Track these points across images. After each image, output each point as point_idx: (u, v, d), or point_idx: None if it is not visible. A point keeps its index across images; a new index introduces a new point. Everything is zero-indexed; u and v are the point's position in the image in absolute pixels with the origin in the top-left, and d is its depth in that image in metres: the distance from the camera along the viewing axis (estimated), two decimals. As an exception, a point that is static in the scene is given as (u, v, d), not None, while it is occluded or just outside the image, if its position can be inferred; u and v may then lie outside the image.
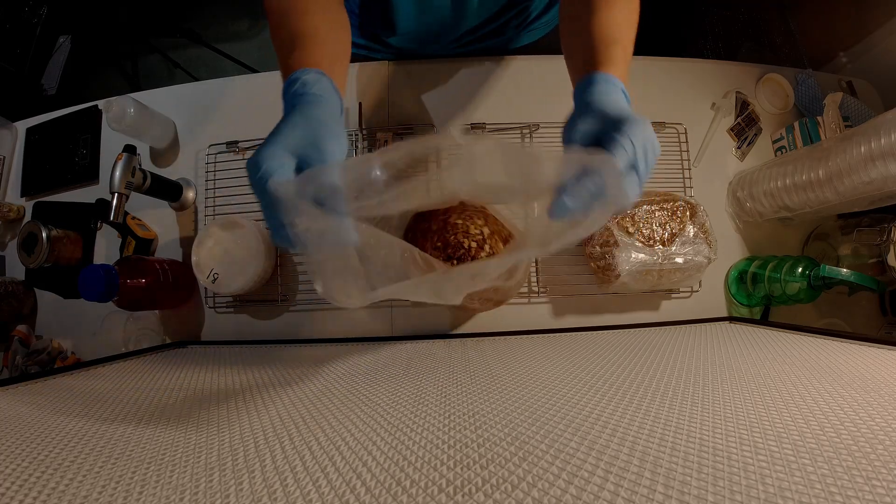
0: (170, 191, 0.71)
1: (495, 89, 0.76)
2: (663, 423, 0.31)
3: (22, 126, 0.84)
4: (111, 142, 0.77)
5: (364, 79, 0.76)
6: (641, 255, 0.62)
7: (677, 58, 0.79)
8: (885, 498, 0.21)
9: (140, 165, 0.64)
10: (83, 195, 0.78)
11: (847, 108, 0.73)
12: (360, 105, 0.73)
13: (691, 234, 0.64)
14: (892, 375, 0.38)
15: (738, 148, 0.77)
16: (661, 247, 0.63)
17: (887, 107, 0.73)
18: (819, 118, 0.73)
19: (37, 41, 1.61)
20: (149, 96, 0.77)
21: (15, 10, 1.55)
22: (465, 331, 0.71)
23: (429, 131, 0.73)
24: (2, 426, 0.34)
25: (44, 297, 0.79)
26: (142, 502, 0.24)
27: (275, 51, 0.44)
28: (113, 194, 0.60)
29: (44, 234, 0.71)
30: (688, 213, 0.65)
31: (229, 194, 0.73)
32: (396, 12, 0.63)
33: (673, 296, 0.72)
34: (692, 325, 0.67)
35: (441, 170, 0.41)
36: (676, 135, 0.74)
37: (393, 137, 0.72)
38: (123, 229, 0.73)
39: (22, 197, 0.82)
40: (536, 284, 0.71)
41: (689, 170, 0.74)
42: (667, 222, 0.64)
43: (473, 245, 0.54)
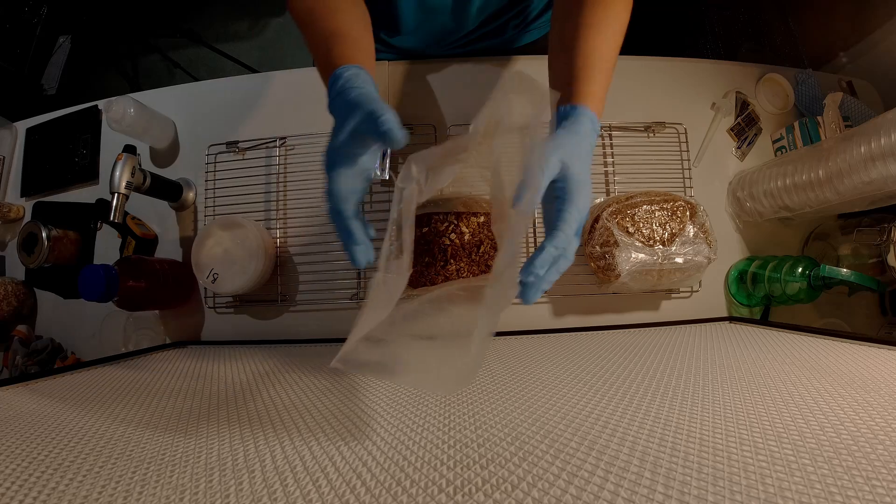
0: (170, 191, 0.71)
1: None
2: (663, 423, 0.31)
3: (22, 126, 0.84)
4: (111, 142, 0.77)
5: (364, 79, 0.76)
6: (641, 255, 0.62)
7: (677, 58, 0.79)
8: (885, 498, 0.21)
9: (140, 165, 0.64)
10: (83, 195, 0.78)
11: (847, 108, 0.73)
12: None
13: (691, 234, 0.64)
14: (892, 375, 0.38)
15: (738, 148, 0.77)
16: (661, 247, 0.63)
17: (887, 107, 0.73)
18: (819, 118, 0.73)
19: (37, 41, 1.61)
20: (149, 96, 0.77)
21: (15, 10, 1.55)
22: (465, 331, 0.71)
23: (428, 131, 0.73)
24: (1, 426, 0.34)
25: (44, 297, 0.78)
26: (142, 502, 0.24)
27: (307, 46, 0.47)
28: (113, 194, 0.60)
29: (44, 234, 0.71)
30: (688, 213, 0.65)
31: (229, 194, 0.73)
32: (401, 14, 0.63)
33: (673, 296, 0.72)
34: (692, 325, 0.67)
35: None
36: (676, 135, 0.74)
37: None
38: (123, 229, 0.73)
39: (22, 197, 0.82)
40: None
41: (689, 170, 0.74)
42: (667, 222, 0.64)
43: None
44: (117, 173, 0.61)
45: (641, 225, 0.64)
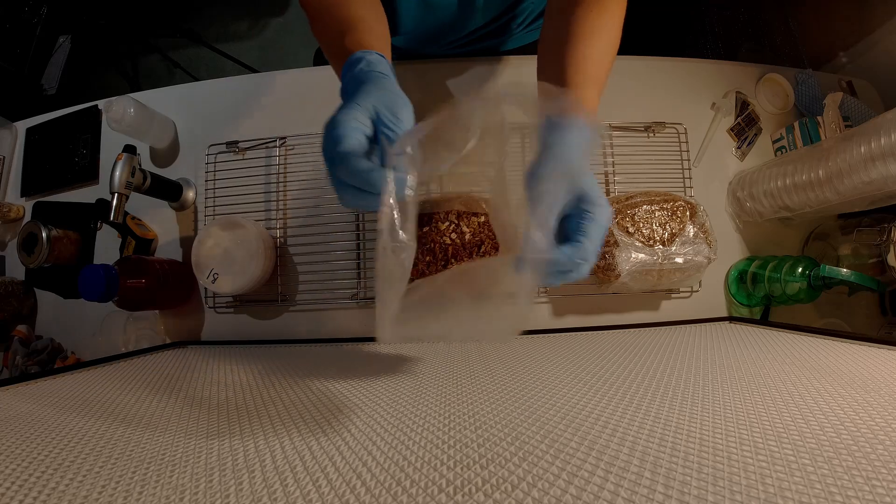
0: (170, 191, 0.71)
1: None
2: (663, 423, 0.31)
3: (22, 126, 0.84)
4: (111, 142, 0.77)
5: (364, 79, 0.76)
6: (641, 255, 0.62)
7: (677, 58, 0.79)
8: (885, 498, 0.21)
9: (140, 165, 0.64)
10: (83, 195, 0.78)
11: (847, 108, 0.73)
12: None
13: (691, 234, 0.64)
14: (892, 375, 0.38)
15: (738, 148, 0.77)
16: (661, 247, 0.63)
17: (887, 107, 0.73)
18: (819, 118, 0.73)
19: (37, 41, 1.61)
20: (149, 96, 0.77)
21: (15, 10, 1.55)
22: (465, 331, 0.71)
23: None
24: (2, 426, 0.34)
25: (44, 297, 0.78)
26: (142, 502, 0.24)
27: (317, 37, 0.45)
28: (113, 194, 0.60)
29: (44, 234, 0.71)
30: (688, 213, 0.65)
31: (229, 194, 0.73)
32: (400, 13, 0.63)
33: (673, 296, 0.72)
34: (692, 325, 0.67)
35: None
36: (676, 135, 0.74)
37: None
38: (123, 229, 0.73)
39: (22, 197, 0.82)
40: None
41: (689, 170, 0.74)
42: (667, 222, 0.64)
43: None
44: (117, 173, 0.61)
45: (641, 225, 0.64)
